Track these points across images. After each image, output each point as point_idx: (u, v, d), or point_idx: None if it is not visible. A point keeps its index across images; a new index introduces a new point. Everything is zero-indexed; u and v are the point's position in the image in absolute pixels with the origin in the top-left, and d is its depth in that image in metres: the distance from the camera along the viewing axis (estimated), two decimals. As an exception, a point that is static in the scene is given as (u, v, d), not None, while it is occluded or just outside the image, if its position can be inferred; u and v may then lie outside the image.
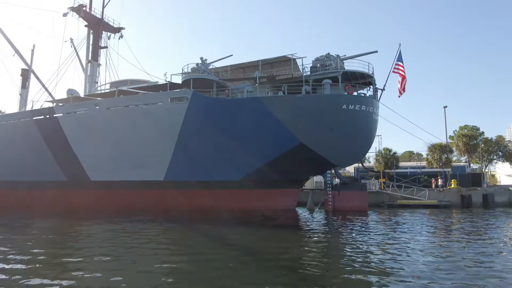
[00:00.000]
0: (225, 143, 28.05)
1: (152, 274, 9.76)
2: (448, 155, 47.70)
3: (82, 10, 39.31)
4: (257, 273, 10.13)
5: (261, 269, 10.54)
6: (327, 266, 10.93)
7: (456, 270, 9.84)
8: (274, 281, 9.02)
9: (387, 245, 13.78)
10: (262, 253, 12.64)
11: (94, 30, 41.42)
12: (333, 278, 9.50)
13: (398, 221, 22.51)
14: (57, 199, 31.79)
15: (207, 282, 9.10)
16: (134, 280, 9.19)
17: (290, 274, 9.81)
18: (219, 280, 9.21)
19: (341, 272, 10.08)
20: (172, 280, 9.28)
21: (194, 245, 14.47)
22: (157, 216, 25.06)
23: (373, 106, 28.23)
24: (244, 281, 9.24)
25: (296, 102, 26.99)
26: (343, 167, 32.43)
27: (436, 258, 11.63)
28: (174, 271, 10.37)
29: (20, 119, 33.50)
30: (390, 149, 51.78)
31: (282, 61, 30.13)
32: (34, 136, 32.23)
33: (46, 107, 33.91)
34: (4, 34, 38.60)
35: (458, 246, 13.74)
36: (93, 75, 40.49)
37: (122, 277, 9.37)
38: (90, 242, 15.47)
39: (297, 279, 9.22)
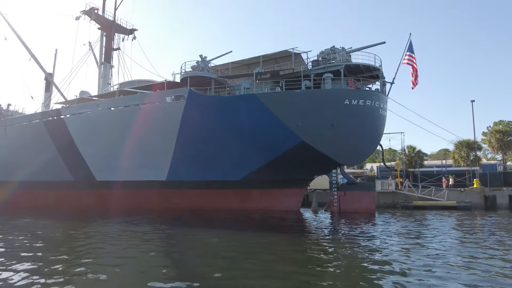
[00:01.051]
0: (224, 142, 27.30)
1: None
2: (476, 153, 44.27)
3: (94, 13, 39.85)
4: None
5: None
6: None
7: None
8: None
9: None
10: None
11: (107, 32, 41.94)
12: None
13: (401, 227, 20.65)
14: (66, 199, 32.30)
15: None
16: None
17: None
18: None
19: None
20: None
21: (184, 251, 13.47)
22: (156, 217, 24.44)
23: (380, 100, 26.37)
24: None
25: (294, 98, 25.68)
26: (349, 166, 30.63)
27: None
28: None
29: (31, 121, 34.34)
30: (414, 147, 48.97)
31: (285, 56, 28.88)
32: (44, 137, 32.91)
33: (54, 109, 34.63)
34: (21, 40, 39.83)
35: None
36: (106, 76, 40.97)
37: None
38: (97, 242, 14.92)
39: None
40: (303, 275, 9.48)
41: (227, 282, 8.79)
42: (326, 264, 10.77)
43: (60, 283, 8.52)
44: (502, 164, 49.92)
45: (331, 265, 10.68)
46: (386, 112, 27.43)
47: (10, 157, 35.18)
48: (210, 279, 9.01)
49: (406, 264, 10.42)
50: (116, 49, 42.48)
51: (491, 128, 53.26)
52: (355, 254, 12.17)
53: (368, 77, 27.58)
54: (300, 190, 29.58)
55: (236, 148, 27.23)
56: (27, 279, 8.77)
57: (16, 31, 39.78)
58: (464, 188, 32.88)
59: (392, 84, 28.22)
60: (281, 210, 27.99)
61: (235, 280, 8.90)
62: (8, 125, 35.60)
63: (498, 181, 36.98)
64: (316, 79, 26.30)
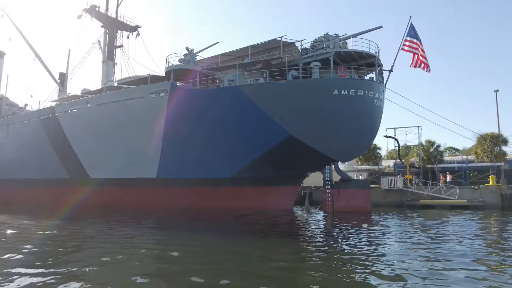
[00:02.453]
0: (210, 137, 26.06)
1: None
2: (500, 147, 40.43)
3: (95, 11, 39.73)
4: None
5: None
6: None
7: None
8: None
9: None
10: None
11: (110, 30, 41.76)
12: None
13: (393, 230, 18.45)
14: (61, 196, 32.20)
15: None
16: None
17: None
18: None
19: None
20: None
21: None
22: (139, 215, 23.32)
23: (374, 90, 24.12)
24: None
25: (278, 90, 23.95)
26: (343, 162, 28.42)
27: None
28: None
29: (30, 119, 34.60)
30: (433, 142, 45.59)
31: (277, 46, 27.13)
32: (40, 135, 33.05)
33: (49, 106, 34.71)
34: (26, 40, 40.42)
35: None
36: (109, 74, 40.78)
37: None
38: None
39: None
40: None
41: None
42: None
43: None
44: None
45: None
46: (382, 102, 25.11)
47: (12, 155, 35.68)
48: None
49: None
50: (119, 46, 42.26)
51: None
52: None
53: (364, 65, 25.31)
54: (293, 188, 27.81)
55: (224, 143, 25.93)
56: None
57: (21, 32, 40.40)
58: (478, 186, 29.78)
59: (391, 72, 25.88)
60: (273, 209, 26.34)
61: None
62: (10, 124, 36.12)
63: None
64: (307, 68, 24.44)
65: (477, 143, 42.85)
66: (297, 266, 10.00)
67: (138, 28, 43.79)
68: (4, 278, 7.98)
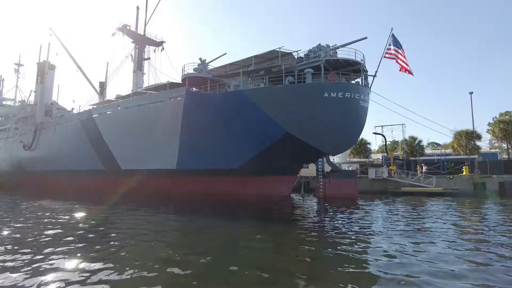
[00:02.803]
0: (219, 134, 25.78)
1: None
2: (474, 142, 39.04)
3: (126, 29, 39.75)
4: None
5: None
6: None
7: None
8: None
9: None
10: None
11: (139, 45, 41.75)
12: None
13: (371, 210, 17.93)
14: (98, 184, 32.47)
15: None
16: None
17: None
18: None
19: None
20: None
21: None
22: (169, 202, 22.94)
23: (360, 92, 23.41)
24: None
25: (276, 93, 23.47)
26: (334, 155, 27.77)
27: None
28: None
29: (72, 121, 34.90)
30: (415, 138, 44.38)
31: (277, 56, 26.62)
32: (80, 133, 33.30)
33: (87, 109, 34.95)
34: (70, 54, 40.77)
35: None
36: (138, 82, 40.75)
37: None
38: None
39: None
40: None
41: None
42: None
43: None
44: (504, 153, 43.97)
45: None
46: (367, 103, 24.37)
47: (59, 150, 36.11)
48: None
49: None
50: (146, 59, 42.21)
51: (496, 118, 47.08)
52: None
53: (351, 71, 24.62)
54: (291, 178, 27.37)
55: (232, 139, 25.60)
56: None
57: (66, 48, 40.77)
58: (453, 176, 28.77)
59: (375, 77, 25.13)
60: (274, 195, 26.00)
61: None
62: (57, 125, 36.52)
63: (498, 169, 32.29)
64: (301, 74, 23.91)
65: (454, 139, 41.52)
66: (280, 241, 9.72)
67: (162, 43, 43.66)
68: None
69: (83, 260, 7.39)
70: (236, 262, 7.27)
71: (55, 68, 54.53)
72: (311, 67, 23.49)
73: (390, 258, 7.59)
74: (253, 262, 7.50)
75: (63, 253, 7.95)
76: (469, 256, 7.81)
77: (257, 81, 26.07)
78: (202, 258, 7.54)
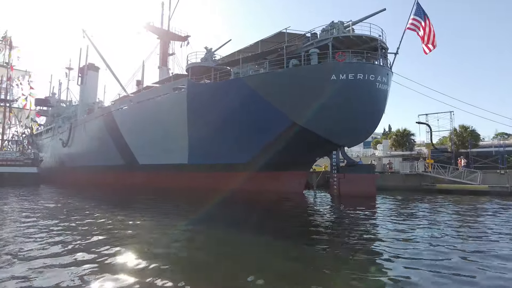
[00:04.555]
0: (224, 126, 24.05)
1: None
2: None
3: (150, 26, 39.89)
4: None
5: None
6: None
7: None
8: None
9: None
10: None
11: (164, 40, 41.70)
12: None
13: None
14: (119, 179, 32.85)
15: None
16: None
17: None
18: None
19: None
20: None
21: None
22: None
23: (376, 73, 19.89)
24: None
25: (277, 78, 20.96)
26: (349, 147, 24.28)
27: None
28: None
29: (96, 118, 35.78)
30: (467, 126, 38.07)
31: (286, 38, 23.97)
32: (103, 130, 33.96)
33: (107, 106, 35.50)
34: (100, 54, 42.06)
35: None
36: (163, 77, 40.78)
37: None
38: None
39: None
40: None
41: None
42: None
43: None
44: None
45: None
46: (386, 85, 20.67)
47: (86, 147, 37.42)
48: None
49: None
50: (171, 54, 42.05)
51: None
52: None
53: (367, 49, 21.10)
54: (303, 173, 24.65)
55: (236, 131, 23.72)
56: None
57: (96, 47, 42.18)
58: (505, 170, 23.55)
59: (396, 54, 21.29)
60: (286, 192, 23.58)
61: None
62: (85, 122, 37.85)
63: None
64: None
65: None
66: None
67: (188, 37, 43.19)
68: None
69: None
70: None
71: (98, 70, 57.53)
72: (318, 47, 20.55)
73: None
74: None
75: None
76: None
77: (263, 67, 23.73)
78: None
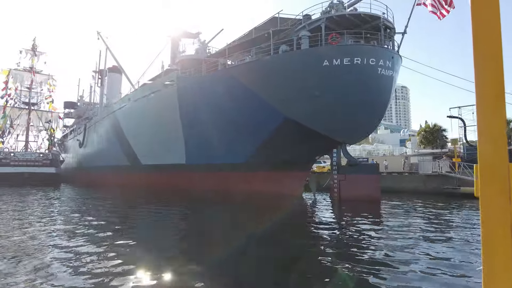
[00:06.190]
0: (219, 123, 22.16)
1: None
2: None
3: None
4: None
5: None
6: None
7: None
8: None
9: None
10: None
11: (174, 39, 40.73)
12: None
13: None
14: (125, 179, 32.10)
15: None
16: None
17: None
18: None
19: None
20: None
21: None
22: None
23: (377, 57, 16.87)
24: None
25: (264, 67, 18.61)
26: (350, 144, 21.20)
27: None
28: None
29: (104, 118, 35.47)
30: (510, 120, 32.83)
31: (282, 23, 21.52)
32: (109, 130, 33.53)
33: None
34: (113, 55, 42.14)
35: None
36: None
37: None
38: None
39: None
40: None
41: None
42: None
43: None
44: None
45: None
46: (392, 71, 17.51)
47: (97, 148, 37.37)
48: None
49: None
50: (182, 52, 40.93)
51: None
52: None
53: (368, 29, 18.08)
54: (302, 174, 22.03)
55: (229, 129, 21.74)
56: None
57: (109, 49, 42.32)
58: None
59: (404, 34, 18.07)
60: (284, 194, 21.17)
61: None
62: (96, 122, 37.83)
63: None
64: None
65: None
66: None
67: (199, 34, 41.88)
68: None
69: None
70: None
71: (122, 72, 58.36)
72: (310, 30, 17.94)
73: None
74: None
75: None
76: None
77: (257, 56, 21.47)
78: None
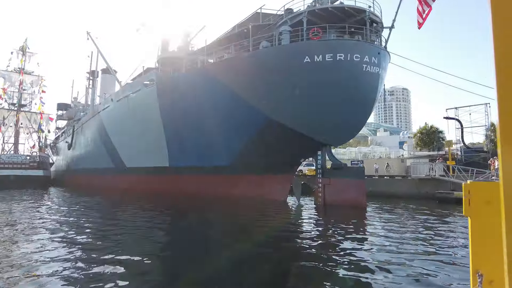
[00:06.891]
0: (197, 125, 21.11)
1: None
2: None
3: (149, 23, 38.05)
4: None
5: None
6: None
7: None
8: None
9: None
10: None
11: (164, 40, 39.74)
12: None
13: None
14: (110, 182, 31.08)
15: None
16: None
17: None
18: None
19: None
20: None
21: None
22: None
23: (362, 52, 15.74)
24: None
25: (241, 64, 17.51)
26: (335, 146, 20.09)
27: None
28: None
29: (90, 120, 34.43)
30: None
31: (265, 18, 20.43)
32: (95, 132, 32.51)
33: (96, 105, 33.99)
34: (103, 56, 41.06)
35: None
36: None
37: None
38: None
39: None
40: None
41: None
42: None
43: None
44: None
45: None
46: (379, 68, 16.36)
47: (83, 150, 36.34)
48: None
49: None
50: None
51: None
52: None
53: (354, 23, 16.97)
54: (288, 177, 20.85)
55: (212, 130, 20.66)
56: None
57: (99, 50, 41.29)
58: None
59: (392, 28, 16.94)
60: (268, 199, 20.03)
61: None
62: (83, 124, 36.77)
63: None
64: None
65: None
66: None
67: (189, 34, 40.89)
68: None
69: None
70: None
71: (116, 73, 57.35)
72: (292, 25, 16.86)
73: None
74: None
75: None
76: None
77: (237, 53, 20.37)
78: None
